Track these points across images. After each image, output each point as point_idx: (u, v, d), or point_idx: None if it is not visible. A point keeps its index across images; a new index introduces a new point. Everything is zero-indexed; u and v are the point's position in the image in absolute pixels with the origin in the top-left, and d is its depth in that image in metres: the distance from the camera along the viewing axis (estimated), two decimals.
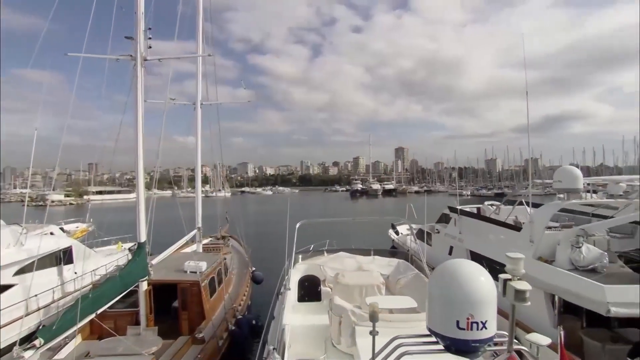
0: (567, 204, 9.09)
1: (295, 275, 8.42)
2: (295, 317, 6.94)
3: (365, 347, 4.84)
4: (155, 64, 8.87)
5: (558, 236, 8.33)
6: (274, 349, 4.94)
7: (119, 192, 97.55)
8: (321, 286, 7.94)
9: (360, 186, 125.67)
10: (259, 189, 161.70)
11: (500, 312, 3.57)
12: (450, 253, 12.71)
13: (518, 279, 2.78)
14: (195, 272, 9.52)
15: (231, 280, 13.11)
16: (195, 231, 14.22)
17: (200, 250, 14.18)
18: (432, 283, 3.20)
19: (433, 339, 3.07)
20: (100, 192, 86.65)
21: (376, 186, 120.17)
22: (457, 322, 2.84)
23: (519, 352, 3.11)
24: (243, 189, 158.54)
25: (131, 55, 8.22)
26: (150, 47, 8.40)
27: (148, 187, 11.70)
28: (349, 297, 6.92)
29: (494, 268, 9.78)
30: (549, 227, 9.11)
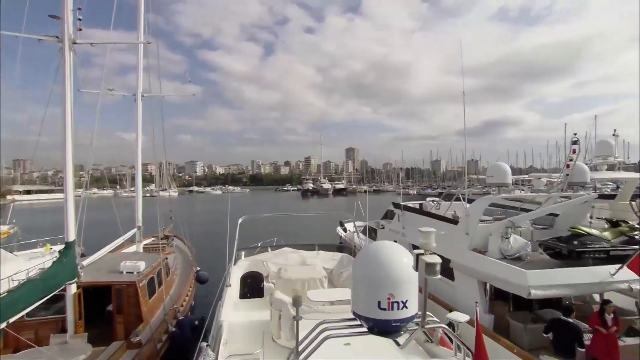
0: (498, 198, 9.81)
1: (237, 272, 8.25)
2: (236, 315, 6.80)
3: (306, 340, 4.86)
4: (95, 53, 8.23)
5: (490, 228, 8.95)
6: (207, 345, 4.79)
7: (51, 191, 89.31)
8: (264, 282, 7.86)
9: (312, 186, 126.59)
10: (207, 189, 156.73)
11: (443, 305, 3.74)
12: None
13: (430, 253, 2.88)
14: (133, 273, 8.98)
15: (173, 280, 12.59)
16: (134, 230, 13.46)
17: (141, 250, 13.47)
18: (355, 266, 3.27)
19: (358, 322, 3.14)
20: (28, 192, 78.77)
21: (327, 186, 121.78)
22: (379, 302, 2.92)
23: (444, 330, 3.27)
24: (191, 188, 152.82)
25: (57, 37, 7.52)
26: (80, 29, 7.76)
27: (81, 185, 10.81)
28: (291, 291, 6.92)
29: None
30: (483, 221, 9.77)
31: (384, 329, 2.98)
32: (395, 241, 13.52)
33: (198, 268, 14.99)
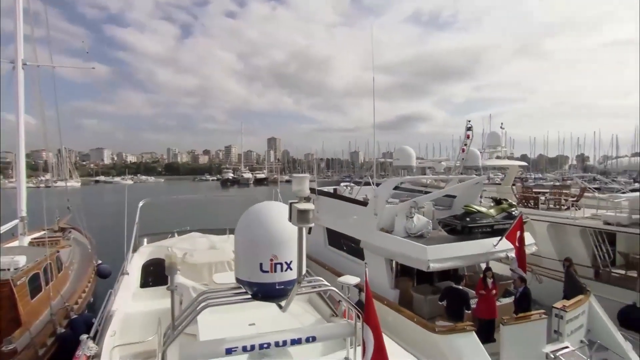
0: (403, 180, 10.50)
1: (138, 260, 7.61)
2: (135, 304, 6.27)
3: (207, 324, 4.63)
4: None
5: (396, 209, 9.51)
6: (88, 337, 4.32)
7: None
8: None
9: (232, 175, 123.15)
10: (117, 178, 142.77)
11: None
12: (309, 232, 13.32)
13: (304, 200, 2.75)
14: (8, 270, 7.73)
15: (67, 276, 11.22)
16: (15, 222, 11.67)
17: (26, 244, 11.73)
18: (237, 229, 3.14)
19: (242, 290, 3.04)
20: None
21: (248, 175, 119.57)
22: (261, 264, 2.82)
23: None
24: (98, 178, 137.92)
25: None
26: None
27: None
28: (197, 277, 6.59)
29: (350, 245, 10.72)
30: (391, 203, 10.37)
31: (268, 293, 2.90)
32: (310, 227, 13.81)
33: (100, 261, 13.70)
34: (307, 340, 3.09)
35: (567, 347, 7.40)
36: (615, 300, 9.62)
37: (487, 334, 7.56)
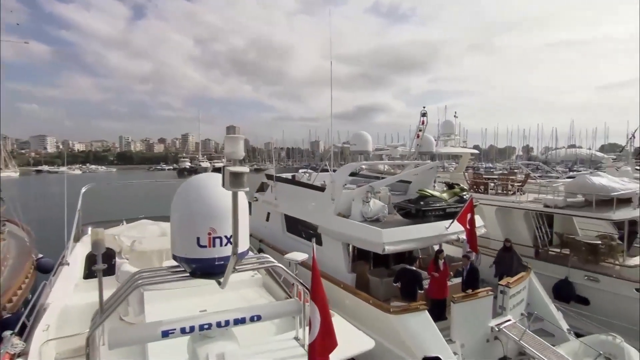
0: (360, 165, 10.60)
1: (81, 250, 7.11)
2: (77, 296, 5.84)
3: (154, 313, 4.41)
4: None
5: (353, 193, 9.59)
6: (12, 333, 3.94)
7: None
8: (116, 258, 6.93)
9: (189, 164, 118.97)
10: (63, 168, 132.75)
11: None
12: (267, 219, 13.19)
13: (239, 163, 2.54)
14: None
15: None
16: None
17: None
18: (173, 203, 2.92)
19: (180, 268, 2.86)
20: None
21: (206, 164, 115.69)
22: (198, 239, 2.64)
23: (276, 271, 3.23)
24: (40, 167, 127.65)
25: None
26: None
27: None
28: (147, 264, 6.25)
29: (308, 231, 10.70)
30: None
31: (207, 269, 2.72)
32: (269, 213, 13.57)
33: (40, 255, 12.69)
34: (252, 319, 2.97)
35: (509, 320, 7.91)
36: (551, 276, 10.43)
37: (439, 312, 7.88)
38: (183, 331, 2.83)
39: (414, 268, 8.10)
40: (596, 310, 9.70)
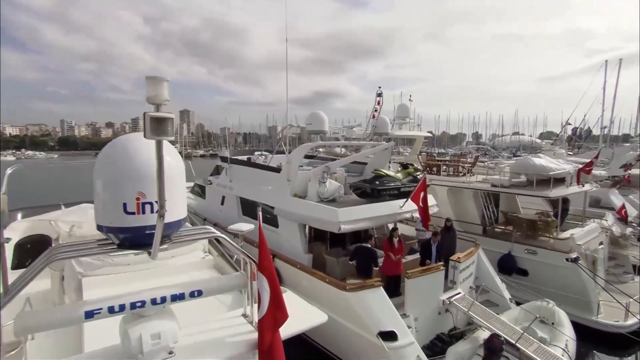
0: (316, 145, 10.49)
1: (11, 238, 6.43)
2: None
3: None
4: None
5: (309, 174, 9.48)
6: None
7: None
8: (52, 245, 6.35)
9: None
10: None
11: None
12: (222, 203, 12.79)
13: (164, 106, 2.19)
14: None
15: None
16: None
17: None
18: (95, 168, 2.55)
19: (107, 240, 2.55)
20: None
21: None
22: (125, 205, 2.32)
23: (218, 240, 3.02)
24: None
25: None
26: None
27: None
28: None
29: (265, 217, 10.48)
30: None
31: (136, 240, 2.40)
32: (224, 197, 13.15)
33: None
34: (192, 295, 2.73)
35: (459, 293, 8.29)
36: (496, 251, 11.09)
37: (394, 288, 8.09)
38: (111, 311, 2.49)
39: (369, 246, 8.21)
40: (534, 280, 10.49)
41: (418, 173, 9.99)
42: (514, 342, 6.96)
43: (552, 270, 10.36)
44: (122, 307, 2.51)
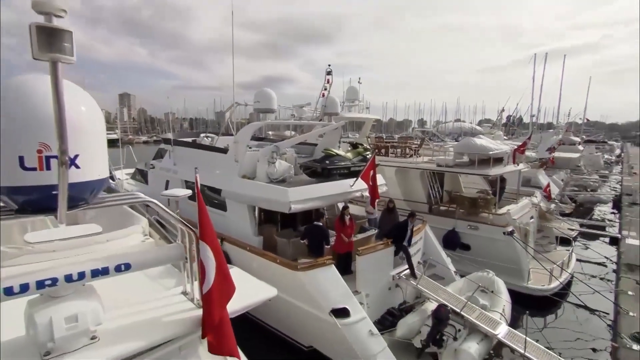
0: (265, 124, 10.16)
1: None
2: None
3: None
4: None
5: (258, 155, 9.15)
6: None
7: None
8: None
9: None
10: None
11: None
12: (166, 187, 12.04)
13: (57, 16, 1.74)
14: None
15: None
16: None
17: None
18: None
19: (5, 207, 2.11)
20: None
21: None
22: (21, 159, 1.88)
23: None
24: None
25: None
26: None
27: None
28: (7, 240, 5.10)
29: (212, 201, 10.00)
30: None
31: (39, 202, 1.96)
32: (168, 181, 12.38)
33: None
34: (119, 269, 2.37)
35: (408, 268, 8.54)
36: (441, 228, 11.60)
37: (345, 266, 8.13)
38: (9, 292, 1.98)
39: (321, 224, 8.15)
40: (475, 253, 11.14)
41: (367, 152, 10.06)
42: (459, 310, 7.32)
43: (491, 243, 11.06)
44: (24, 288, 2.03)
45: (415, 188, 13.48)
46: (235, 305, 2.63)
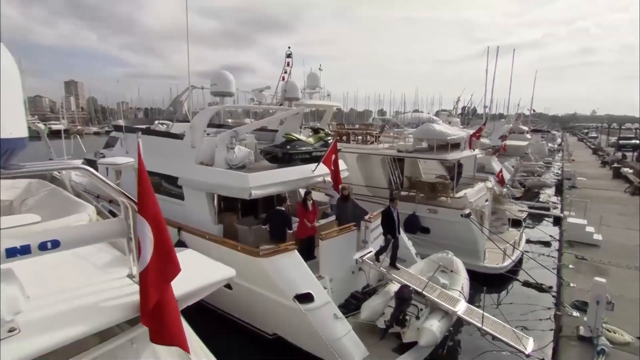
0: (223, 108, 9.74)
1: None
2: None
3: None
4: None
5: (216, 140, 8.77)
6: None
7: None
8: None
9: None
10: None
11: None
12: (118, 178, 11.31)
13: None
14: None
15: None
16: None
17: None
18: None
19: None
20: None
21: (40, 125, 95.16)
22: None
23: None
24: None
25: None
26: None
27: None
28: None
29: (169, 190, 9.50)
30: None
31: None
32: (120, 171, 11.58)
33: None
34: (43, 247, 2.04)
35: (370, 252, 8.59)
36: (402, 212, 11.77)
37: (308, 252, 8.02)
38: None
39: (283, 209, 7.98)
40: (435, 235, 11.48)
41: (329, 138, 9.96)
42: (420, 290, 7.47)
43: (450, 226, 11.42)
44: None
45: (376, 174, 13.62)
46: (187, 287, 2.40)
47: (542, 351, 7.44)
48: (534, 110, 54.17)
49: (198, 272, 2.63)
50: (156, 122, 12.83)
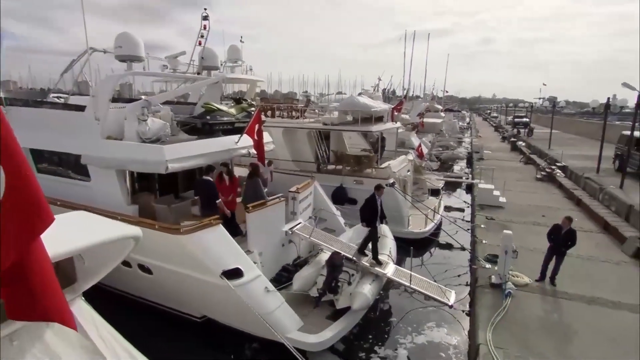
0: (129, 74, 8.70)
1: None
2: None
3: None
4: None
5: (125, 112, 7.79)
6: None
7: None
8: None
9: None
10: None
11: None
12: None
13: None
14: None
15: None
16: None
17: None
18: None
19: None
20: None
21: None
22: None
23: None
24: None
25: None
26: None
27: None
28: None
29: (70, 170, 8.29)
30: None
31: None
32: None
33: None
34: None
35: (300, 223, 8.48)
36: (330, 185, 11.91)
37: (233, 227, 7.61)
38: None
39: (210, 179, 7.44)
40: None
41: (252, 108, 9.47)
42: (351, 256, 7.57)
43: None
44: None
45: (303, 149, 13.49)
46: (73, 243, 1.94)
47: (462, 302, 8.12)
48: (447, 92, 58.65)
49: (91, 231, 2.18)
50: (52, 95, 11.09)
